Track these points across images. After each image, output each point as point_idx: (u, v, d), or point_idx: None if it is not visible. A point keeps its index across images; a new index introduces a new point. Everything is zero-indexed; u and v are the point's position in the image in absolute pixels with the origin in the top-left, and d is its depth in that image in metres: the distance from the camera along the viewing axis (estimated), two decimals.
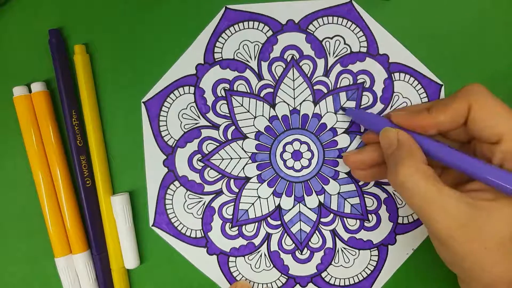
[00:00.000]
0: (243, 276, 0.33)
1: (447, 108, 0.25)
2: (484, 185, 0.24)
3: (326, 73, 0.32)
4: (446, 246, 0.23)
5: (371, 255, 0.32)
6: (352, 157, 0.30)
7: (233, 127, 0.32)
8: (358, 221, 0.32)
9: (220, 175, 0.32)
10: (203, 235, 0.33)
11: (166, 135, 0.32)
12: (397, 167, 0.24)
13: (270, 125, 0.32)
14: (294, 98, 0.32)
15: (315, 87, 0.32)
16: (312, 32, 0.32)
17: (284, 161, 0.32)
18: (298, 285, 0.33)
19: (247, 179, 0.32)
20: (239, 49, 0.32)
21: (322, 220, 0.32)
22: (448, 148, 0.25)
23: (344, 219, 0.32)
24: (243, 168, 0.32)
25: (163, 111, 0.32)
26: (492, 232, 0.22)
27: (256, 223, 0.32)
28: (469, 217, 0.22)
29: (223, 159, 0.32)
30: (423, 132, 0.26)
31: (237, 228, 0.33)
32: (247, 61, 0.32)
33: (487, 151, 0.25)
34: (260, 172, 0.32)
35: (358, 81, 0.32)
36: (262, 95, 0.32)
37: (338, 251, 0.32)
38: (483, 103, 0.24)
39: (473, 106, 0.24)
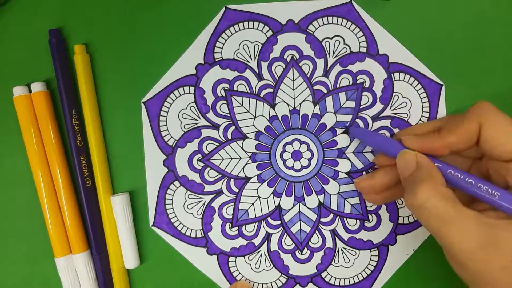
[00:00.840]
0: (243, 276, 0.33)
1: (458, 129, 0.25)
2: None
3: (326, 73, 0.32)
4: (464, 266, 0.23)
5: (371, 255, 0.32)
6: (363, 183, 0.30)
7: (233, 127, 0.32)
8: (358, 221, 0.32)
9: (220, 175, 0.32)
10: (203, 235, 0.33)
11: (166, 135, 0.32)
12: (416, 189, 0.24)
13: (270, 125, 0.32)
14: (294, 98, 0.32)
15: (315, 87, 0.32)
16: (312, 32, 0.32)
17: (284, 161, 0.32)
18: (298, 285, 0.33)
19: (247, 179, 0.32)
20: (239, 49, 0.32)
21: (322, 220, 0.32)
22: (465, 175, 0.25)
23: (344, 219, 0.32)
24: (243, 168, 0.32)
25: (163, 111, 0.32)
26: (510, 251, 0.22)
27: (256, 223, 0.32)
28: (489, 238, 0.22)
29: (223, 159, 0.32)
30: (434, 154, 0.26)
31: (237, 228, 0.33)
32: (247, 61, 0.32)
33: (501, 169, 0.25)
34: (260, 172, 0.32)
35: (358, 81, 0.32)
36: (262, 95, 0.32)
37: (338, 251, 0.32)
38: (493, 121, 0.24)
39: (484, 125, 0.24)
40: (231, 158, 0.32)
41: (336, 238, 0.32)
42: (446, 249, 0.24)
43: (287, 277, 0.33)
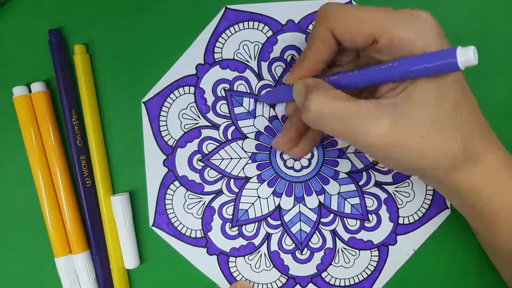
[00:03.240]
0: (243, 276, 0.33)
1: (315, 45, 0.24)
2: (391, 84, 0.23)
3: None
4: (389, 158, 0.23)
5: (371, 256, 0.32)
6: (279, 140, 0.29)
7: (233, 127, 0.32)
8: (358, 221, 0.32)
9: (220, 175, 0.32)
10: (203, 235, 0.32)
11: (166, 135, 0.32)
12: (308, 103, 0.23)
13: (270, 125, 0.32)
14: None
15: None
16: None
17: (284, 161, 0.32)
18: (298, 285, 0.33)
19: (247, 179, 0.32)
20: (239, 49, 0.32)
21: (322, 220, 0.32)
22: (351, 72, 0.24)
23: (344, 219, 0.32)
24: (243, 168, 0.32)
25: (163, 111, 0.32)
26: (421, 118, 0.22)
27: (256, 223, 0.32)
28: (395, 117, 0.22)
29: (223, 159, 0.32)
30: (314, 75, 0.26)
31: (237, 228, 0.32)
32: (247, 61, 0.32)
33: (374, 55, 0.24)
34: (260, 172, 0.32)
35: None
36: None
37: (338, 251, 0.32)
38: (341, 18, 0.23)
39: (334, 26, 0.24)
40: (231, 158, 0.32)
41: (336, 238, 0.32)
42: (361, 147, 0.24)
43: (287, 277, 0.33)
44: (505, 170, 0.25)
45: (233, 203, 0.32)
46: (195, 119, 0.32)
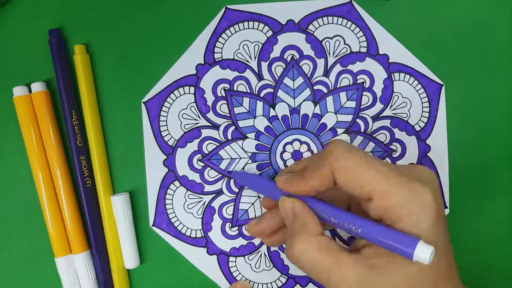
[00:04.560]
0: (243, 276, 0.33)
1: (316, 174, 0.25)
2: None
3: (326, 73, 0.32)
4: None
5: None
6: (253, 229, 0.30)
7: (233, 127, 0.32)
8: None
9: (220, 175, 0.32)
10: (203, 235, 0.33)
11: (166, 135, 0.32)
12: (292, 243, 0.24)
13: (270, 125, 0.32)
14: (294, 98, 0.32)
15: (315, 87, 0.32)
16: (312, 32, 0.32)
17: (284, 161, 0.32)
18: (298, 285, 0.33)
19: None
20: (239, 49, 0.32)
21: None
22: (336, 210, 0.25)
23: None
24: (243, 168, 0.32)
25: (163, 111, 0.32)
26: (391, 285, 0.22)
27: None
28: (368, 280, 0.22)
29: (223, 159, 0.32)
30: (303, 195, 0.26)
31: (237, 228, 0.33)
32: (247, 61, 0.32)
33: (364, 207, 0.24)
34: (260, 172, 0.32)
35: (358, 81, 0.32)
36: (262, 95, 0.32)
37: None
38: (343, 167, 0.24)
39: (336, 172, 0.24)
40: (231, 158, 0.32)
41: (336, 238, 0.32)
42: None
43: (287, 277, 0.33)
44: None
45: (233, 203, 0.32)
46: (195, 119, 0.32)
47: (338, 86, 0.32)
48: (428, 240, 0.21)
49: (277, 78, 0.32)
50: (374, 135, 0.32)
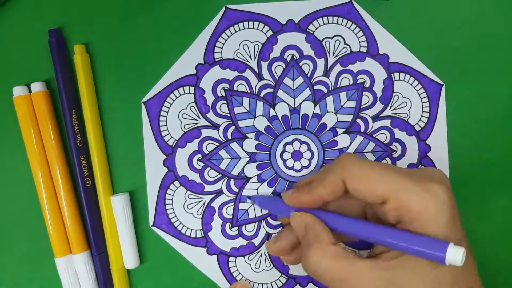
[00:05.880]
0: (243, 276, 0.33)
1: (324, 183, 0.25)
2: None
3: (326, 73, 0.32)
4: None
5: None
6: (272, 247, 0.30)
7: (233, 127, 0.32)
8: None
9: (220, 175, 0.32)
10: (203, 235, 0.33)
11: (166, 135, 0.32)
12: (306, 254, 0.24)
13: (270, 125, 0.32)
14: (294, 98, 0.32)
15: (315, 87, 0.32)
16: (312, 32, 0.32)
17: (284, 161, 0.32)
18: (298, 285, 0.33)
19: (247, 179, 0.32)
20: (239, 49, 0.32)
21: None
22: (350, 219, 0.25)
23: None
24: (243, 168, 0.32)
25: (163, 111, 0.32)
26: (411, 286, 0.22)
27: (256, 223, 0.32)
28: (388, 283, 0.22)
29: (223, 159, 0.32)
30: (310, 207, 0.26)
31: (237, 228, 0.33)
32: (247, 61, 0.32)
33: (379, 213, 0.25)
34: (260, 172, 0.32)
35: (358, 81, 0.32)
36: (262, 95, 0.32)
37: None
38: (354, 174, 0.24)
39: (347, 179, 0.24)
40: (231, 158, 0.32)
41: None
42: None
43: (287, 277, 0.33)
44: None
45: (233, 203, 0.32)
46: (195, 119, 0.32)
47: (338, 86, 0.32)
48: (445, 236, 0.21)
49: (277, 78, 0.32)
50: (374, 135, 0.32)
